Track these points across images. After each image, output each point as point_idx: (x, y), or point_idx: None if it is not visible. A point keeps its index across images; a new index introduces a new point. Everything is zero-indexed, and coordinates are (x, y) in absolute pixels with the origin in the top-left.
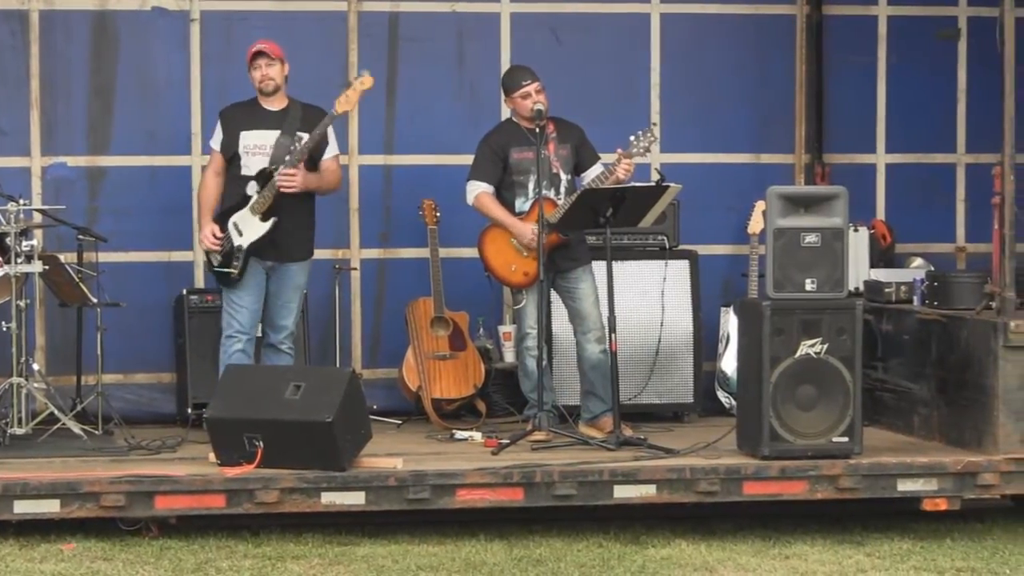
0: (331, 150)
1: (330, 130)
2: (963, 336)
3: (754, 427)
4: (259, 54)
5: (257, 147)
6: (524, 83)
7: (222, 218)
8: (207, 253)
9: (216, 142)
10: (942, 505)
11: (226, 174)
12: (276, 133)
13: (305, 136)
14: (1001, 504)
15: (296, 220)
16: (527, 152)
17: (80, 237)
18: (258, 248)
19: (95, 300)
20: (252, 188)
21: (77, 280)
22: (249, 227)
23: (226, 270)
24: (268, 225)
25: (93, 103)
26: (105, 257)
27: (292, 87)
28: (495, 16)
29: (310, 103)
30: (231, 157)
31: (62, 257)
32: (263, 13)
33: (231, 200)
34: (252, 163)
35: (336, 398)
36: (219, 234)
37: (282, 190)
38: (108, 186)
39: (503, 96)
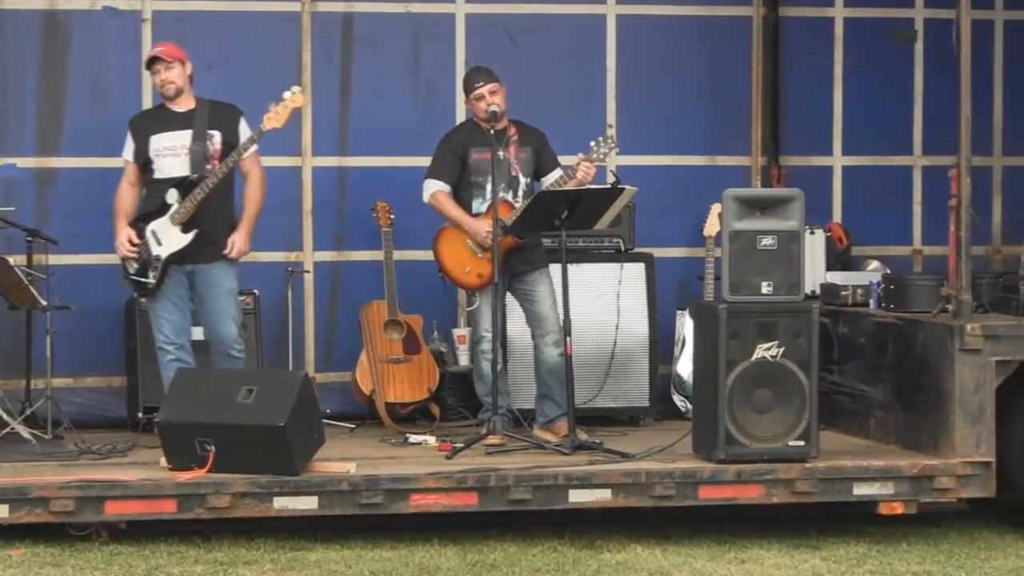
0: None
1: (244, 126)
2: (919, 339)
3: (710, 431)
4: (155, 59)
5: (167, 149)
6: (477, 85)
7: (139, 224)
8: (123, 260)
9: (128, 152)
10: (898, 509)
11: (141, 182)
12: (186, 133)
13: (217, 134)
14: (957, 508)
15: (216, 220)
16: (487, 153)
17: (29, 239)
18: (177, 254)
19: (45, 303)
20: (172, 196)
21: (26, 282)
22: (168, 237)
23: (143, 280)
24: (189, 238)
25: (43, 104)
26: (55, 259)
27: (244, 90)
28: (450, 17)
29: (220, 100)
30: (144, 163)
31: (11, 259)
32: (215, 13)
33: (149, 206)
34: (164, 166)
35: (289, 402)
36: (136, 240)
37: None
38: (58, 188)
39: (463, 98)
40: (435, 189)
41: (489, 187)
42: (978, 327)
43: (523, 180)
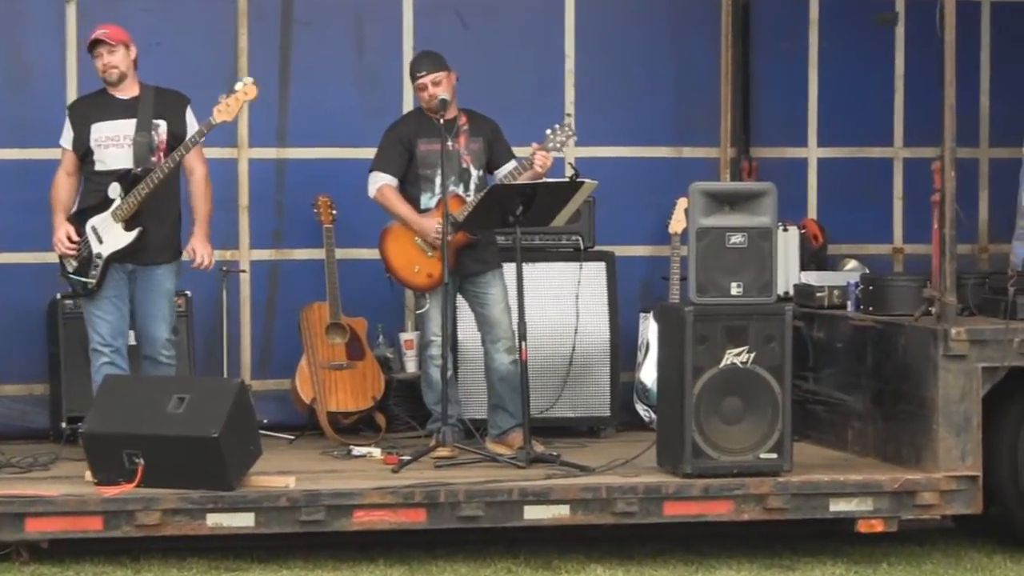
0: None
1: (191, 116)
2: (900, 344)
3: (675, 443)
4: (97, 42)
5: (109, 139)
6: (419, 75)
7: (79, 219)
8: (61, 258)
9: (66, 140)
10: (878, 527)
11: (80, 172)
12: (130, 123)
13: (162, 123)
14: (941, 525)
15: (161, 219)
16: (435, 144)
17: None
18: (119, 253)
19: None
20: (115, 191)
21: None
22: (110, 234)
23: (82, 279)
24: (132, 236)
25: None
26: None
27: (177, 76)
28: None
29: (167, 87)
30: (84, 153)
31: None
32: None
33: (90, 199)
34: (106, 156)
35: (223, 411)
36: (75, 237)
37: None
38: None
39: (410, 86)
40: (381, 183)
41: (438, 180)
42: (963, 331)
43: (475, 173)
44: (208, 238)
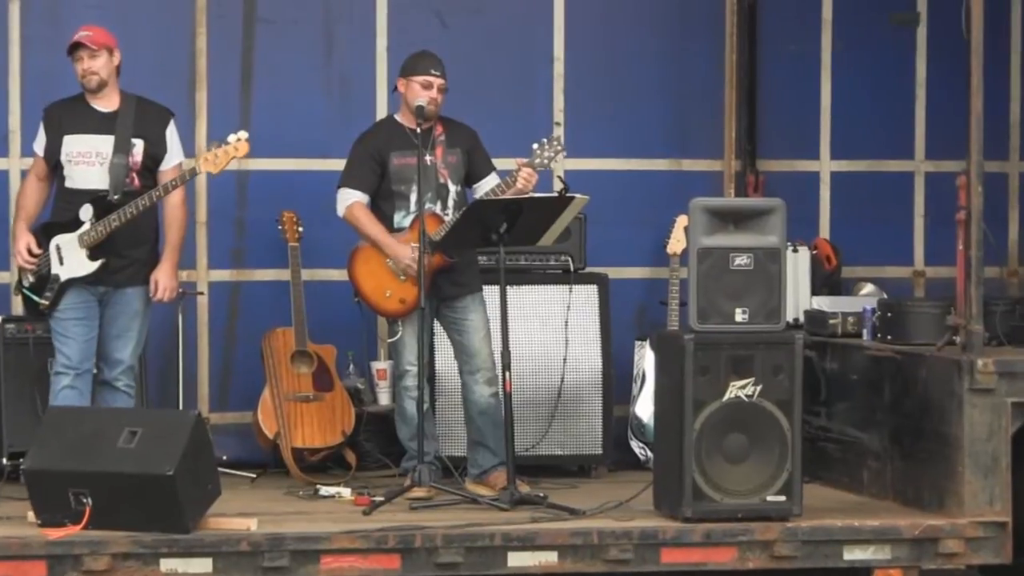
0: (172, 158)
1: (173, 133)
2: (921, 376)
3: (674, 483)
4: (77, 45)
5: (81, 155)
6: (434, 72)
7: (45, 232)
8: (20, 269)
9: (39, 146)
10: None
11: (51, 180)
12: (106, 140)
13: (139, 144)
14: None
15: (136, 240)
16: (409, 157)
17: None
18: (78, 280)
19: None
20: (87, 213)
21: None
22: (72, 258)
23: (36, 298)
24: (94, 267)
25: None
26: None
27: (129, 80)
28: None
29: (150, 99)
30: (55, 165)
31: None
32: None
33: (60, 215)
34: (75, 174)
35: (178, 447)
36: (36, 251)
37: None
38: None
39: (386, 90)
40: (352, 200)
41: (414, 197)
42: (991, 363)
43: (452, 188)
44: (175, 269)
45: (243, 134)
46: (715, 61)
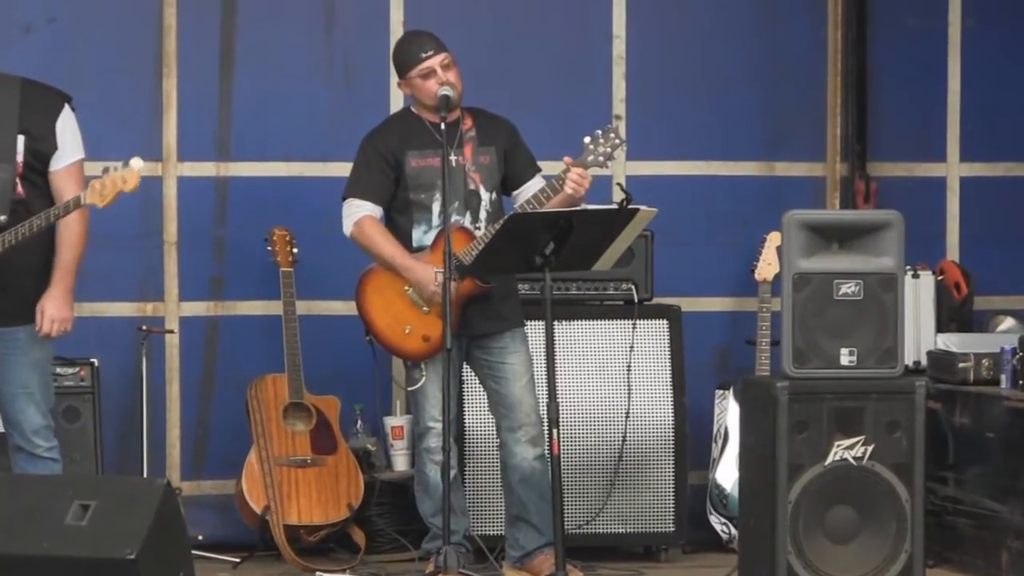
0: (64, 155)
1: (66, 122)
2: None
3: (765, 568)
4: None
5: None
6: (425, 55)
7: None
8: None
9: None
10: None
11: None
12: None
13: (21, 140)
14: None
15: (21, 269)
16: (431, 158)
17: None
18: None
19: None
20: None
21: None
22: None
23: None
24: None
25: None
26: None
27: (79, 64)
28: None
29: (41, 82)
30: None
31: None
32: None
33: None
34: None
35: (142, 525)
36: None
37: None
38: None
39: (396, 78)
40: (361, 214)
41: (437, 208)
42: None
43: (485, 196)
44: (69, 295)
45: (135, 162)
46: (815, 40)
